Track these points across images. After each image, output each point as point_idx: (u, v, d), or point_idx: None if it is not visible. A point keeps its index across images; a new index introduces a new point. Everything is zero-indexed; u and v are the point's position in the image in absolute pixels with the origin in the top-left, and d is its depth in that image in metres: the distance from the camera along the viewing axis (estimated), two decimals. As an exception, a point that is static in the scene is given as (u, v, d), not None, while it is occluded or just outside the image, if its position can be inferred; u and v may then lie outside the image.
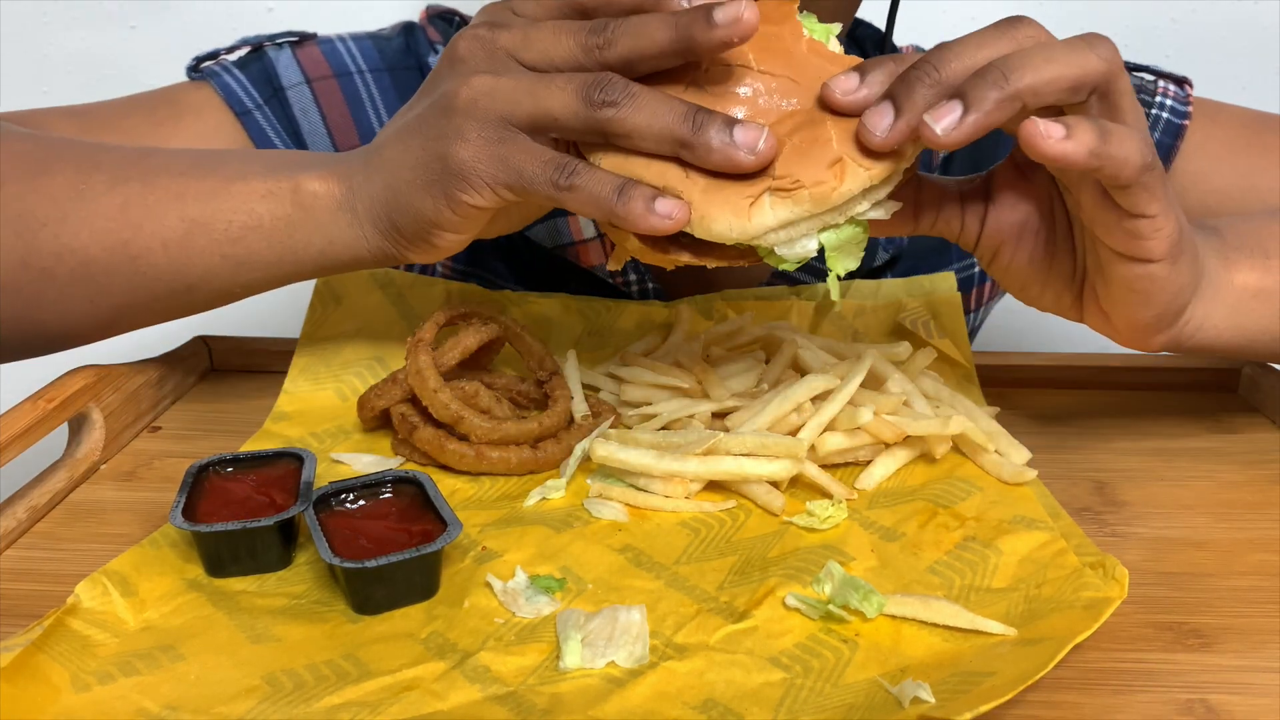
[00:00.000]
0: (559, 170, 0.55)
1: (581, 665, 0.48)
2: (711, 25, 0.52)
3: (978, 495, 0.62)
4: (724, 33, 0.52)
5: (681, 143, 0.53)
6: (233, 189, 0.64)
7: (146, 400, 0.74)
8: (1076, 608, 0.50)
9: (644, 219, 0.53)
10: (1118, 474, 0.67)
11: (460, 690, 0.46)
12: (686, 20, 0.53)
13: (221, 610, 0.52)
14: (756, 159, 0.52)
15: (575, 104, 0.54)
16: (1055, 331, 1.37)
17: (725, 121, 0.53)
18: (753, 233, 0.54)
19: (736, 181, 0.54)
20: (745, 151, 0.52)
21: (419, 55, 0.91)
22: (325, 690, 0.46)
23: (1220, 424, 0.75)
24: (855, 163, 0.54)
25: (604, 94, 0.53)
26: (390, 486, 0.58)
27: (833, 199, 0.53)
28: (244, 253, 0.64)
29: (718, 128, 0.52)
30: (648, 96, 0.53)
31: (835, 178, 0.53)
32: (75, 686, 0.46)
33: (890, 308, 0.80)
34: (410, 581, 0.52)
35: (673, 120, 0.53)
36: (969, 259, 0.93)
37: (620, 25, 0.55)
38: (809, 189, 0.53)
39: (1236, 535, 0.60)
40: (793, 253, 0.55)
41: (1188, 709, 0.46)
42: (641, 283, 0.87)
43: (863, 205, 0.55)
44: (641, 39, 0.54)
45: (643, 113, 0.53)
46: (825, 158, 0.53)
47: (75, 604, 0.50)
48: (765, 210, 0.54)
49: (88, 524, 0.61)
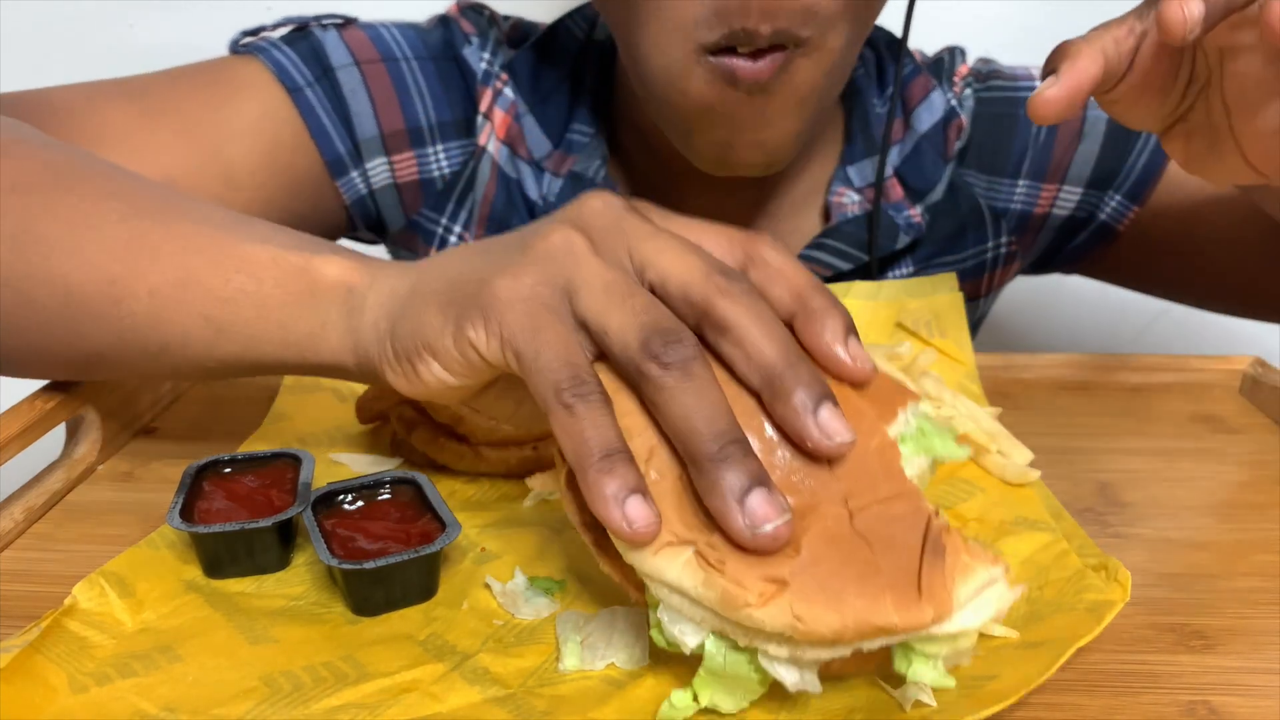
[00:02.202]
0: (573, 381, 0.45)
1: (581, 667, 0.48)
2: (807, 412, 0.43)
3: (980, 496, 0.62)
4: (809, 428, 0.43)
5: (694, 460, 0.43)
6: (243, 249, 0.57)
7: (144, 401, 0.74)
8: (1079, 610, 0.50)
9: (604, 504, 0.42)
10: (1121, 475, 0.67)
11: (459, 692, 0.46)
12: (797, 376, 0.44)
13: (219, 611, 0.52)
14: (751, 539, 0.41)
15: (631, 337, 0.45)
16: (1057, 332, 1.38)
17: (751, 476, 0.42)
18: (648, 570, 0.43)
19: (676, 509, 0.43)
20: (745, 525, 0.41)
21: (456, 48, 0.91)
22: (324, 692, 0.46)
23: (1223, 425, 0.75)
24: (795, 609, 0.41)
25: (665, 352, 0.44)
26: (389, 487, 0.58)
27: (738, 614, 0.41)
28: (229, 318, 0.56)
29: (738, 476, 0.42)
30: (700, 388, 0.43)
31: (759, 598, 0.41)
32: (72, 688, 0.46)
33: (891, 308, 0.79)
34: (409, 583, 0.52)
35: (703, 432, 0.43)
36: (984, 244, 0.93)
37: (749, 295, 0.46)
38: (726, 581, 0.41)
39: (1240, 536, 0.60)
40: (670, 630, 0.44)
41: (1190, 710, 0.46)
42: None
43: (777, 650, 0.42)
44: (754, 330, 0.45)
45: (680, 400, 0.43)
46: (772, 570, 0.42)
47: (72, 605, 0.50)
48: (675, 563, 0.42)
49: (85, 525, 0.61)
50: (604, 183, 0.87)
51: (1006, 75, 0.95)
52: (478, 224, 0.91)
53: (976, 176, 0.93)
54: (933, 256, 0.92)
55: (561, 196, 0.87)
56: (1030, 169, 0.92)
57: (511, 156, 0.90)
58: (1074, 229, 0.95)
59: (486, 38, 0.92)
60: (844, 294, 0.80)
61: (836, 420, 0.44)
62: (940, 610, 0.42)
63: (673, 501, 0.44)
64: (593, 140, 0.89)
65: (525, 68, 0.91)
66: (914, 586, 0.42)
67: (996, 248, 0.94)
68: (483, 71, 0.90)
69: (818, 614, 0.41)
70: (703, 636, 0.43)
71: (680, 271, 0.47)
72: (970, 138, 0.93)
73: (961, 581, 0.43)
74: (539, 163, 0.90)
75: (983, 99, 0.93)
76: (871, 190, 0.88)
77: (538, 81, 0.91)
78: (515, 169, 0.90)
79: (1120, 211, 0.92)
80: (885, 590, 0.42)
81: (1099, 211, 0.93)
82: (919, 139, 0.90)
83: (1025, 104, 0.64)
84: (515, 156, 0.90)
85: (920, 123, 0.91)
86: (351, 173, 0.89)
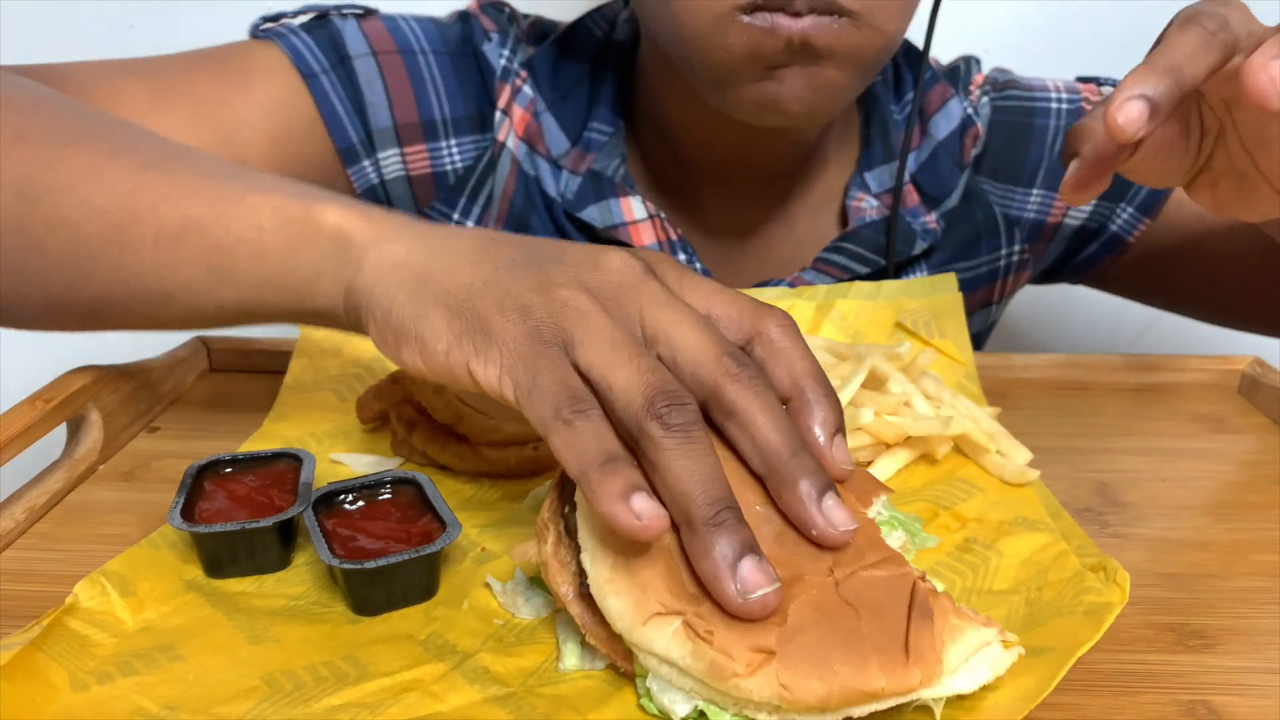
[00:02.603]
0: (571, 400, 0.45)
1: (581, 667, 0.48)
2: (812, 501, 0.45)
3: (979, 496, 0.62)
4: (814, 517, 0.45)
5: (689, 522, 0.43)
6: (247, 199, 0.58)
7: (145, 400, 0.74)
8: (1078, 613, 0.50)
9: (609, 502, 0.42)
10: (1120, 474, 0.67)
11: (460, 691, 0.46)
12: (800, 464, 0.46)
13: (220, 611, 0.52)
14: (741, 605, 0.42)
15: (637, 394, 0.45)
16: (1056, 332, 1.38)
17: (744, 543, 0.43)
18: (636, 640, 0.44)
19: (664, 579, 0.44)
20: (737, 591, 0.42)
21: (475, 44, 0.91)
22: (324, 691, 0.46)
23: (1222, 424, 0.75)
24: (782, 678, 0.41)
25: (670, 414, 0.44)
26: (389, 487, 0.58)
27: (726, 684, 0.42)
28: (229, 265, 0.57)
29: (731, 542, 0.43)
30: (700, 453, 0.44)
31: (746, 667, 0.41)
32: (73, 686, 0.46)
33: (891, 308, 0.79)
34: (409, 582, 0.52)
35: (700, 496, 0.43)
36: (997, 251, 0.94)
37: (755, 380, 0.47)
38: (714, 651, 0.42)
39: (1238, 536, 0.60)
40: (660, 699, 0.44)
41: (1189, 710, 0.46)
42: (690, 263, 0.87)
43: (767, 717, 0.43)
44: (759, 417, 0.46)
45: (681, 462, 0.44)
46: (759, 639, 0.42)
47: (74, 604, 0.50)
48: (663, 633, 0.43)
49: (86, 524, 0.61)
50: (623, 180, 0.88)
51: (1022, 85, 0.95)
52: (496, 220, 0.91)
53: (991, 184, 0.93)
54: (947, 263, 0.92)
55: (580, 194, 0.88)
56: (1045, 178, 0.92)
57: (530, 153, 0.90)
58: (1085, 239, 0.95)
59: (506, 35, 0.92)
60: (844, 294, 0.80)
61: (840, 510, 0.45)
62: (929, 672, 0.42)
63: (661, 572, 0.44)
64: (611, 139, 0.89)
65: (545, 65, 0.91)
66: (901, 649, 0.42)
67: (1010, 255, 0.95)
68: (501, 68, 0.90)
69: (804, 683, 0.41)
70: (692, 706, 0.44)
71: (692, 348, 0.47)
72: (986, 146, 0.93)
73: (951, 643, 0.43)
74: (557, 160, 0.90)
75: (999, 107, 0.94)
76: (889, 196, 0.89)
77: (557, 79, 0.91)
78: (534, 166, 0.90)
79: (1131, 223, 0.92)
80: (871, 655, 0.42)
81: (1110, 223, 0.93)
82: (936, 146, 0.91)
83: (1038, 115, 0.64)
84: (534, 153, 0.90)
85: (937, 130, 0.91)
86: (363, 161, 0.89)
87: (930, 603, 0.44)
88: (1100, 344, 1.37)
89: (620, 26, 0.93)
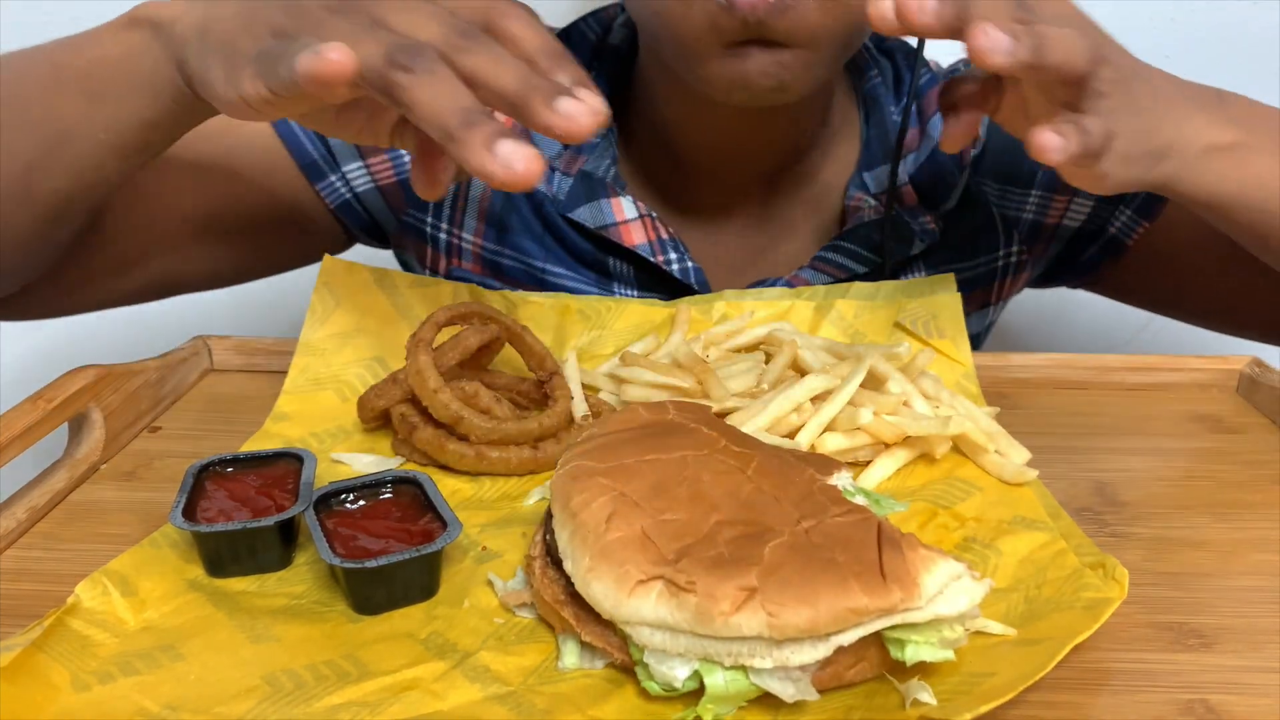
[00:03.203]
0: (399, 46, 0.50)
1: (580, 665, 0.48)
2: (549, 107, 0.49)
3: (978, 495, 0.62)
4: (554, 120, 0.49)
5: (447, 137, 0.48)
6: (93, 32, 0.67)
7: (146, 400, 0.74)
8: (1076, 608, 0.50)
9: (476, 154, 0.47)
10: (1118, 474, 0.67)
11: (460, 690, 0.46)
12: (535, 86, 0.50)
13: (222, 610, 0.52)
14: (503, 174, 0.47)
15: (377, 59, 0.50)
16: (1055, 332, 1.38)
17: (497, 131, 0.48)
18: (625, 615, 0.45)
19: (641, 552, 0.46)
20: (500, 166, 0.47)
21: None
22: (325, 690, 0.46)
23: (1220, 424, 0.75)
24: (767, 607, 0.43)
25: (410, 61, 0.50)
26: (390, 487, 0.58)
27: (715, 624, 0.43)
28: (98, 87, 0.66)
29: (483, 132, 0.48)
30: (443, 81, 0.49)
31: (731, 605, 0.43)
32: (75, 686, 0.46)
33: (890, 308, 0.80)
34: (410, 581, 0.52)
35: (450, 110, 0.49)
36: (995, 252, 0.94)
37: (485, 45, 0.52)
38: (699, 597, 0.44)
39: (1236, 535, 0.60)
40: (660, 670, 0.45)
41: (1188, 709, 0.46)
42: (681, 261, 0.88)
43: (762, 660, 0.44)
44: (493, 69, 0.51)
45: (427, 91, 0.49)
46: (740, 579, 0.44)
47: (75, 604, 0.50)
48: (648, 599, 0.45)
49: (88, 524, 0.61)
50: (613, 181, 0.88)
51: None
52: (479, 219, 0.92)
53: (990, 185, 0.93)
54: (946, 263, 0.92)
55: (571, 195, 0.88)
56: (1044, 179, 0.92)
57: None
58: (1085, 241, 0.95)
59: None
60: (843, 294, 0.80)
61: (573, 103, 0.49)
62: (908, 592, 0.44)
63: (638, 546, 0.47)
64: (603, 141, 0.90)
65: None
66: (878, 574, 0.45)
67: (1008, 256, 0.95)
68: None
69: (790, 609, 0.43)
70: (691, 667, 0.45)
71: (426, 27, 0.52)
72: (985, 147, 0.93)
73: (926, 571, 0.45)
74: (551, 162, 0.90)
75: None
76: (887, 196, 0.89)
77: None
78: None
79: (1130, 226, 0.92)
80: (851, 578, 0.44)
81: (1109, 225, 0.93)
82: (935, 147, 0.91)
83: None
84: None
85: (936, 131, 0.91)
86: (330, 177, 0.90)
87: (899, 537, 0.46)
88: (1099, 344, 1.37)
89: (616, 30, 0.93)
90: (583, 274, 0.89)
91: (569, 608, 0.49)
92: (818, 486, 0.50)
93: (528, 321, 0.75)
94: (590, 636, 0.48)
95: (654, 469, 0.51)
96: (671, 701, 0.46)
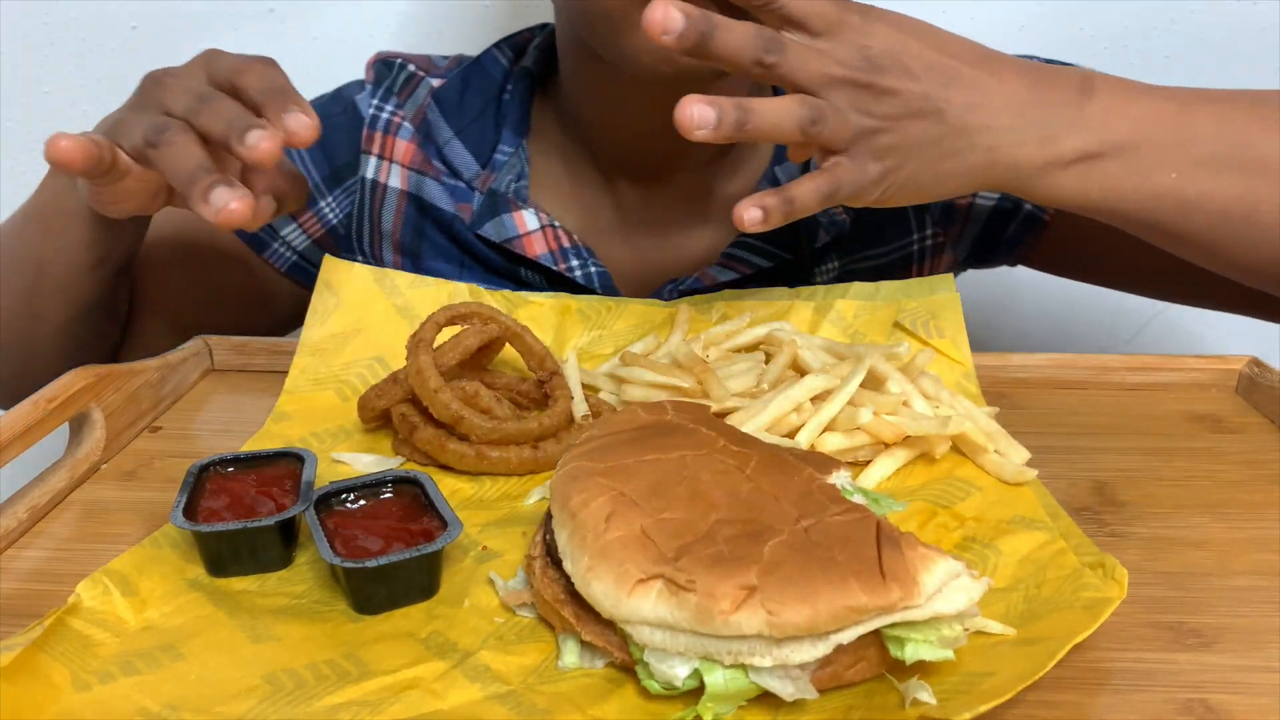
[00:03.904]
0: (154, 128, 0.63)
1: (580, 664, 0.49)
2: (240, 142, 0.61)
3: (977, 495, 0.62)
4: (241, 151, 0.60)
5: (182, 189, 0.62)
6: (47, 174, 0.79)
7: (147, 400, 0.74)
8: (1076, 608, 0.50)
9: (197, 202, 0.60)
10: (1117, 474, 0.67)
11: (461, 689, 0.47)
12: (233, 129, 0.61)
13: (222, 610, 0.52)
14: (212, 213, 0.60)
15: (139, 139, 0.64)
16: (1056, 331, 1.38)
17: (211, 183, 0.60)
18: (625, 614, 0.45)
19: (641, 551, 0.47)
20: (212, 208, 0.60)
21: (348, 98, 0.97)
22: (326, 690, 0.46)
23: (1219, 424, 0.75)
24: (767, 606, 0.44)
25: (154, 135, 0.63)
26: (391, 486, 0.58)
27: (715, 622, 0.44)
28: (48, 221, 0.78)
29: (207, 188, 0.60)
30: (177, 149, 0.63)
31: (731, 603, 0.44)
32: (76, 686, 0.46)
33: (890, 308, 0.80)
34: (411, 581, 0.52)
35: (182, 173, 0.62)
36: (908, 237, 0.96)
37: (212, 104, 0.64)
38: (698, 596, 0.44)
39: (1235, 535, 0.61)
40: (660, 669, 0.46)
41: (1187, 708, 0.47)
42: (584, 267, 0.91)
43: (762, 659, 0.44)
44: (210, 123, 0.63)
45: (168, 161, 0.63)
46: (740, 578, 0.44)
47: (76, 603, 0.50)
48: (648, 598, 0.45)
49: (88, 524, 0.61)
50: (515, 195, 0.91)
51: None
52: (394, 251, 0.96)
53: None
54: (858, 251, 0.94)
55: (479, 212, 0.92)
56: None
57: (420, 179, 0.94)
58: (1003, 219, 0.97)
59: (382, 85, 0.97)
60: (843, 294, 0.80)
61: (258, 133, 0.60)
62: (907, 590, 0.44)
63: (638, 545, 0.47)
64: (511, 158, 0.93)
65: (450, 97, 0.96)
66: (877, 572, 0.45)
67: (922, 240, 0.97)
68: (370, 115, 0.95)
69: (790, 608, 0.44)
70: (691, 666, 0.45)
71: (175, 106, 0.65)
72: None
73: (925, 569, 0.45)
74: (470, 182, 0.94)
75: None
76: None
77: (462, 109, 0.95)
78: (422, 189, 0.94)
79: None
80: (850, 576, 0.44)
81: (1024, 202, 0.94)
82: None
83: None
84: (424, 178, 0.94)
85: None
86: (272, 245, 0.96)
87: (898, 535, 0.46)
88: (1099, 344, 1.37)
89: (530, 53, 0.97)
90: (498, 286, 0.91)
91: (569, 607, 0.49)
92: (817, 485, 0.50)
93: (528, 321, 0.75)
94: (590, 636, 0.48)
95: (653, 469, 0.51)
96: (671, 700, 0.46)
